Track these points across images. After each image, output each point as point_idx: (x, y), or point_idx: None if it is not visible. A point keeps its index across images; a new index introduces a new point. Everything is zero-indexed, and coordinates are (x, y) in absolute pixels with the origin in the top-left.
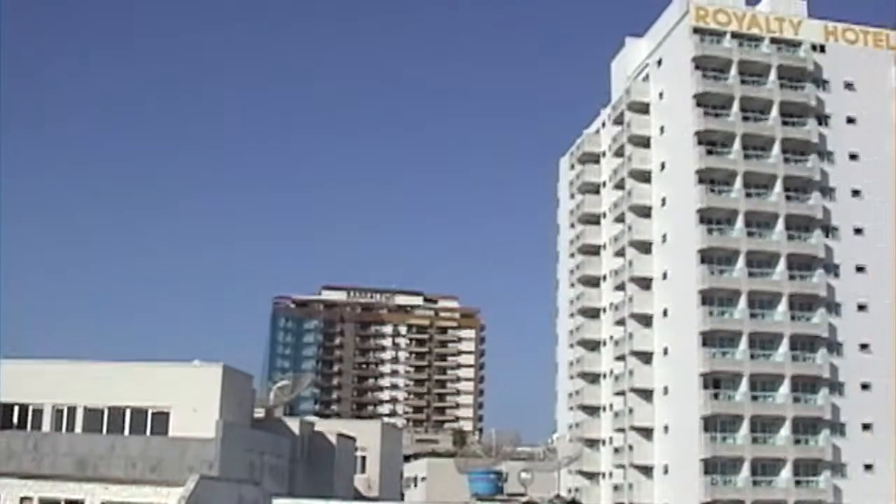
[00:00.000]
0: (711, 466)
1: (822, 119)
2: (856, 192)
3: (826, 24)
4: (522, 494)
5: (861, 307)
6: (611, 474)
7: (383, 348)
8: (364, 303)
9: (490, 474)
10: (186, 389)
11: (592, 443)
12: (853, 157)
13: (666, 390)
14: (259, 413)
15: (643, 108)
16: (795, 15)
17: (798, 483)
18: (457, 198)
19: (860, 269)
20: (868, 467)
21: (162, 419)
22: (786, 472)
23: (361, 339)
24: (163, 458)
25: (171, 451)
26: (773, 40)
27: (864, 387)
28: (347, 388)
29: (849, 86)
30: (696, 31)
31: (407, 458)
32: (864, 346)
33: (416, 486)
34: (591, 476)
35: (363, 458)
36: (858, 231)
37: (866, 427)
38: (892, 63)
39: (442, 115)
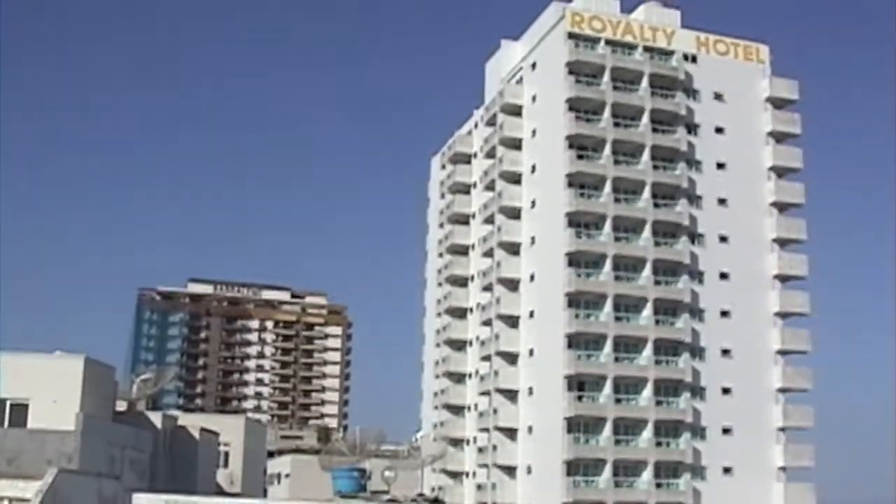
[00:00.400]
0: (574, 467)
1: (692, 128)
2: (722, 201)
3: (699, 36)
4: (386, 492)
5: (724, 313)
6: (474, 474)
7: (249, 343)
8: (231, 297)
9: (354, 472)
10: (46, 381)
11: (457, 442)
12: (720, 166)
13: (531, 391)
14: (121, 406)
15: (516, 111)
16: (669, 25)
17: (659, 485)
18: (328, 194)
19: (724, 276)
20: (727, 470)
21: (20, 411)
22: (647, 474)
23: (227, 333)
24: (21, 451)
25: (29, 444)
26: (647, 49)
27: (725, 391)
28: (212, 382)
29: (718, 96)
30: (570, 36)
31: (271, 455)
32: (725, 352)
33: (279, 482)
34: (455, 475)
35: (226, 453)
36: (723, 239)
37: (726, 431)
38: (761, 76)
39: (313, 111)
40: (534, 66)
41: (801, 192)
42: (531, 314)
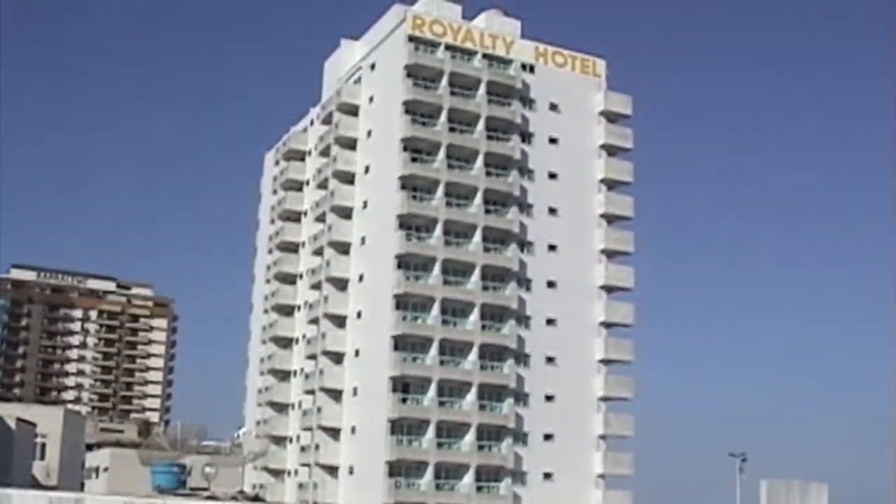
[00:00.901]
0: (396, 469)
1: (526, 137)
2: (553, 210)
3: (538, 46)
4: (205, 489)
5: (550, 321)
6: (296, 472)
7: (72, 332)
8: (54, 284)
9: (173, 467)
10: None
11: (279, 440)
12: (553, 175)
13: (355, 391)
14: None
15: (353, 111)
16: (509, 34)
17: (480, 489)
18: (159, 184)
19: (551, 284)
20: (548, 476)
21: None
22: (468, 478)
23: (49, 321)
24: None
25: None
26: (486, 56)
27: (548, 398)
28: (31, 371)
29: (554, 107)
30: (411, 39)
31: (90, 448)
32: (550, 359)
33: (97, 476)
34: (277, 473)
35: (43, 444)
36: (552, 248)
37: (548, 437)
38: (596, 89)
39: (148, 100)
40: (373, 66)
41: (630, 205)
42: (359, 314)
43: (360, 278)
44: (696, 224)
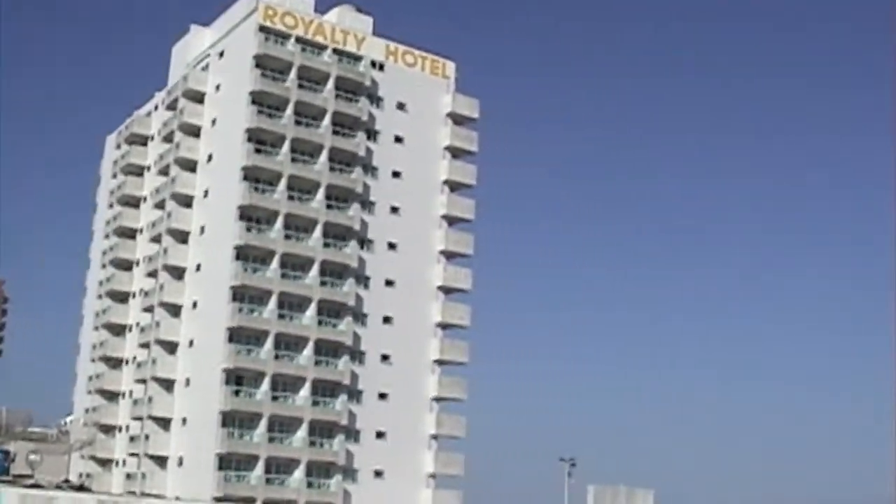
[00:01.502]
0: (226, 462)
1: (372, 134)
2: (395, 209)
3: (388, 45)
4: (30, 476)
5: (386, 319)
6: (124, 462)
7: None
8: None
9: None
10: None
11: (108, 429)
12: (396, 174)
13: (188, 382)
14: None
15: (198, 98)
16: (361, 30)
17: (310, 484)
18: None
19: (389, 282)
20: (378, 474)
21: None
22: (299, 473)
23: None
24: None
25: None
26: (336, 51)
27: (382, 396)
28: None
29: (401, 106)
30: (261, 29)
31: None
32: (385, 357)
33: None
34: (104, 463)
35: None
36: (392, 246)
37: (380, 435)
38: (445, 91)
39: None
40: (221, 54)
41: (471, 207)
42: (194, 304)
43: (198, 268)
44: (537, 228)
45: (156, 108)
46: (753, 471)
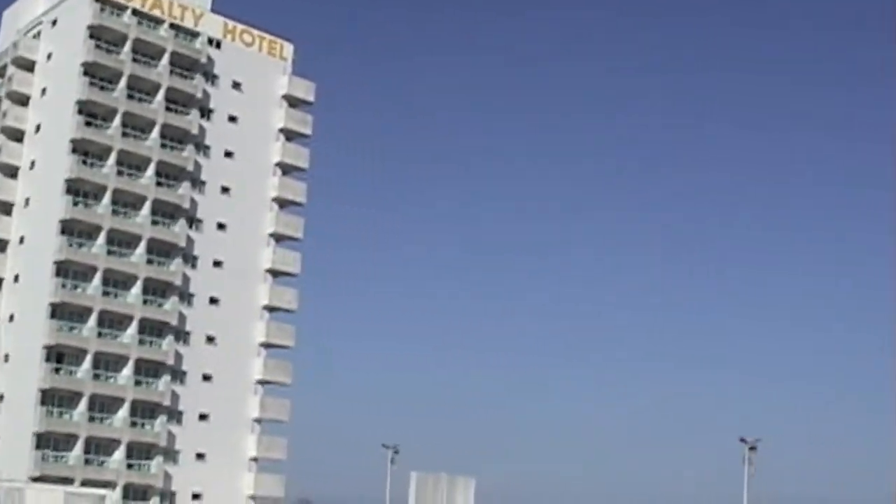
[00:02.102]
0: (45, 441)
1: (206, 112)
2: (225, 189)
3: (227, 22)
4: None
5: (213, 300)
6: None
7: None
8: None
9: None
10: None
11: None
12: (229, 154)
13: (7, 358)
14: None
15: (28, 66)
16: (199, 6)
17: (130, 466)
18: None
19: (217, 263)
20: (200, 456)
21: None
22: (119, 454)
23: None
24: None
25: None
26: (173, 26)
27: (206, 378)
28: None
29: (237, 85)
30: None
31: None
32: (210, 339)
33: None
34: None
35: None
36: (222, 227)
37: (203, 417)
38: (281, 72)
39: None
40: (54, 22)
41: (303, 191)
42: (16, 278)
43: (21, 241)
44: (368, 214)
45: None
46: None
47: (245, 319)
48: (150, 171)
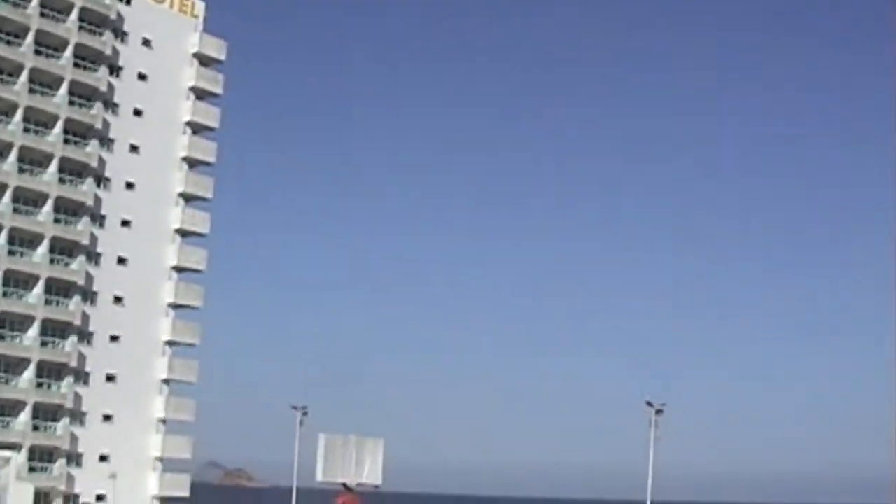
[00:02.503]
0: None
1: (115, 70)
2: (134, 148)
3: None
4: None
5: (121, 260)
6: None
7: None
8: None
9: None
10: None
11: None
12: (138, 112)
13: None
14: None
15: None
16: None
17: (36, 427)
18: None
19: (126, 223)
20: (107, 418)
21: None
22: (25, 415)
23: None
24: None
25: None
26: None
27: (114, 339)
28: None
29: (147, 43)
30: None
31: None
32: (118, 300)
33: None
34: None
35: None
36: (130, 186)
37: (110, 379)
38: (193, 30)
39: None
40: None
41: (212, 150)
42: None
43: None
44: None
45: None
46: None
47: (153, 280)
48: (58, 128)
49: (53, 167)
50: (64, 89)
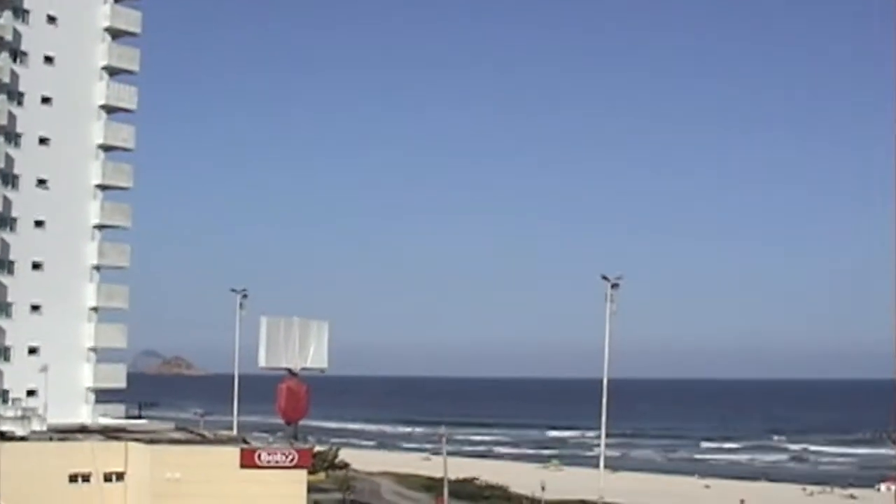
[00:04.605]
0: None
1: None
2: (52, 19)
3: None
4: None
5: (43, 141)
6: None
7: None
8: None
9: None
10: None
11: None
12: (46, 100)
13: None
14: None
15: None
16: None
17: None
18: None
19: (46, 99)
20: (35, 308)
21: None
22: None
23: None
24: None
25: None
26: None
27: (38, 224)
28: None
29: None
30: None
31: None
32: (42, 182)
33: None
34: None
35: None
36: (49, 60)
37: (37, 266)
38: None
39: None
40: None
41: (137, 20)
42: None
43: None
44: (207, 44)
45: None
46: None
47: (79, 160)
48: None
49: None
50: None
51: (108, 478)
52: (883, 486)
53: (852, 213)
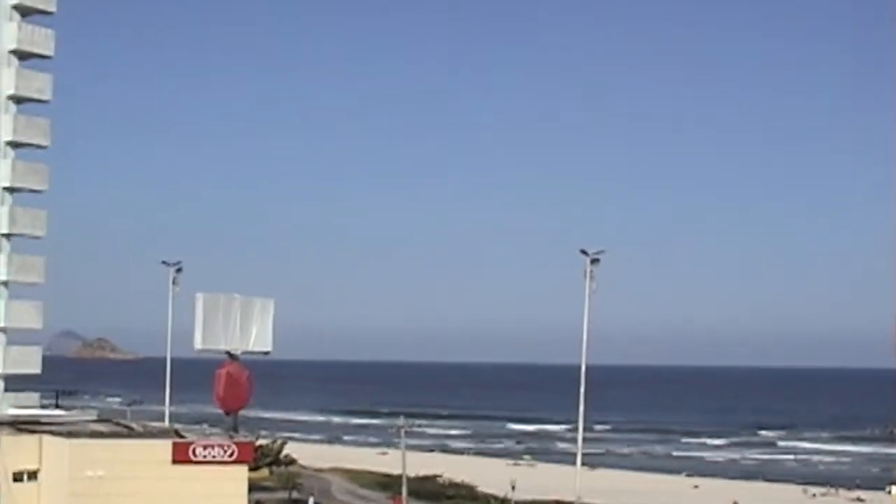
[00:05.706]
0: None
1: None
2: None
3: None
4: None
5: None
6: None
7: None
8: None
9: None
10: None
11: None
12: None
13: None
14: None
15: None
16: None
17: None
18: None
19: None
20: None
21: None
22: None
23: None
24: None
25: None
26: None
27: None
28: None
29: None
30: None
31: None
32: None
33: None
34: None
35: None
36: None
37: None
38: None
39: None
40: None
41: None
42: None
43: None
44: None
45: None
46: (408, 281)
47: None
48: None
49: None
50: None
51: (18, 477)
52: (895, 489)
53: (852, 178)
